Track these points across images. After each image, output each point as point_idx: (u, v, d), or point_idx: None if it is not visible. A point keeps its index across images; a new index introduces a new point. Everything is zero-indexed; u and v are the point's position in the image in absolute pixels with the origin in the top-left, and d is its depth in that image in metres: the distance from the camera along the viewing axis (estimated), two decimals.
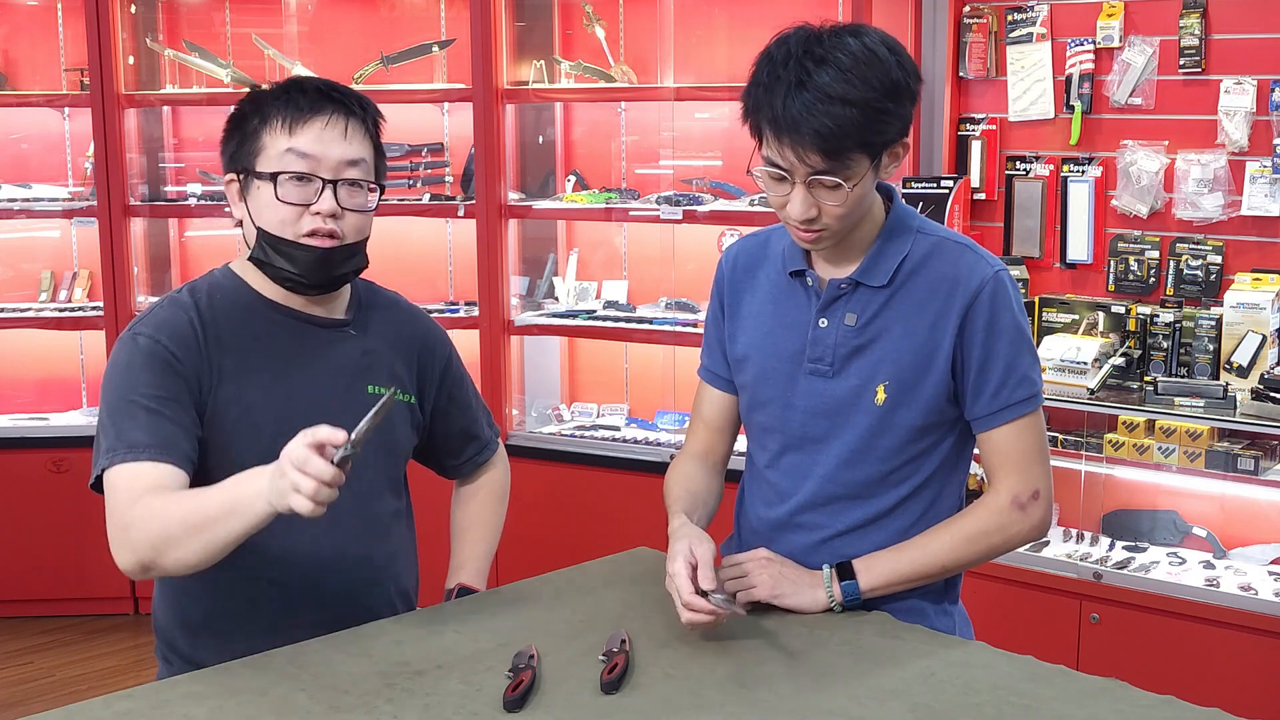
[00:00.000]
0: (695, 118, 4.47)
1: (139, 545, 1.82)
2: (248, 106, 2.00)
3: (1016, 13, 3.90)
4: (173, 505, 1.81)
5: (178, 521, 1.79)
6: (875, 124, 1.81)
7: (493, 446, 2.35)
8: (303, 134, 1.94)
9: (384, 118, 2.06)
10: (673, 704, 1.68)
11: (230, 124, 2.01)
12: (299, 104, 1.95)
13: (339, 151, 1.95)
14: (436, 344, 2.21)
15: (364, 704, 1.67)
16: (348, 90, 2.01)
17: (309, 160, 1.94)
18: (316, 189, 1.94)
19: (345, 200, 1.96)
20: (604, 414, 4.72)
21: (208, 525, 1.77)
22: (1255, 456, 3.40)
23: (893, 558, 1.98)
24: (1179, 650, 3.40)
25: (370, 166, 2.00)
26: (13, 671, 4.39)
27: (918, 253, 1.98)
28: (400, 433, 2.13)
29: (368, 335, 2.09)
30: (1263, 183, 3.56)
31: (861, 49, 1.81)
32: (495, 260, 4.48)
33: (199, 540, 1.78)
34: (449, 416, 2.23)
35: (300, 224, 1.95)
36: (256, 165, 1.96)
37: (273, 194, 1.94)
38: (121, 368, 1.94)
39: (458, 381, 2.25)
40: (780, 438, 2.05)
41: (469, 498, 2.34)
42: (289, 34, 4.74)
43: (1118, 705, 1.67)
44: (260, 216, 1.96)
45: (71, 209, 4.82)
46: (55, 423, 4.87)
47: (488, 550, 2.31)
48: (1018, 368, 1.95)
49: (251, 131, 1.97)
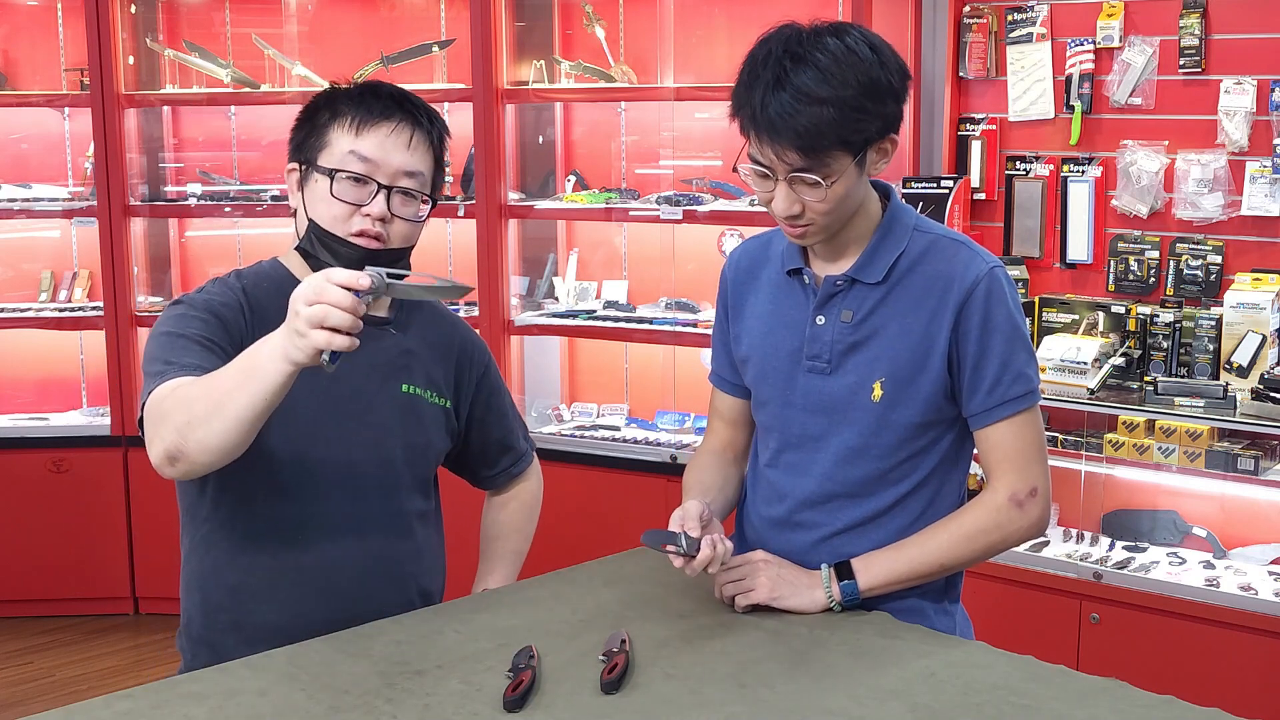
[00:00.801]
0: (695, 118, 4.47)
1: (165, 433, 1.74)
2: (321, 100, 2.03)
3: (1016, 13, 3.90)
4: (195, 386, 1.75)
5: (199, 398, 1.72)
6: (852, 122, 1.83)
7: (528, 459, 2.36)
8: (368, 137, 1.97)
9: (450, 133, 2.09)
10: (673, 704, 1.68)
11: (302, 116, 2.05)
12: (370, 107, 1.98)
13: (400, 160, 1.98)
14: (475, 352, 2.22)
15: (364, 704, 1.68)
16: (420, 102, 2.04)
17: (369, 164, 1.97)
18: (371, 191, 1.97)
19: (397, 208, 1.99)
20: (604, 414, 4.72)
21: (227, 397, 1.69)
22: (1255, 456, 3.40)
23: (891, 556, 1.98)
24: (1179, 650, 3.40)
25: (427, 180, 2.03)
26: (13, 671, 4.39)
27: (914, 250, 1.98)
28: (433, 434, 2.14)
29: (408, 336, 2.11)
30: (1263, 183, 3.56)
31: (840, 48, 1.82)
32: (495, 260, 4.48)
33: (220, 417, 1.70)
34: (486, 426, 2.24)
35: (350, 223, 1.97)
36: (319, 159, 1.99)
37: (328, 189, 1.97)
38: (173, 319, 1.93)
39: (495, 391, 2.25)
40: (779, 436, 2.05)
41: (500, 507, 2.35)
42: (289, 34, 4.74)
43: (1118, 705, 1.67)
44: (314, 209, 1.99)
45: (71, 209, 4.82)
46: (55, 423, 4.88)
47: (516, 559, 2.33)
48: (1013, 364, 1.95)
49: (321, 125, 2.00)
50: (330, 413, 2.01)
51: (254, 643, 1.88)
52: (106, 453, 4.74)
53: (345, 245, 1.98)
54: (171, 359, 1.85)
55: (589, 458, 4.41)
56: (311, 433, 2.00)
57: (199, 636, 2.05)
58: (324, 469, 2.00)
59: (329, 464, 2.01)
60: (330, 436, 2.01)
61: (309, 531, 2.00)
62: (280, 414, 1.93)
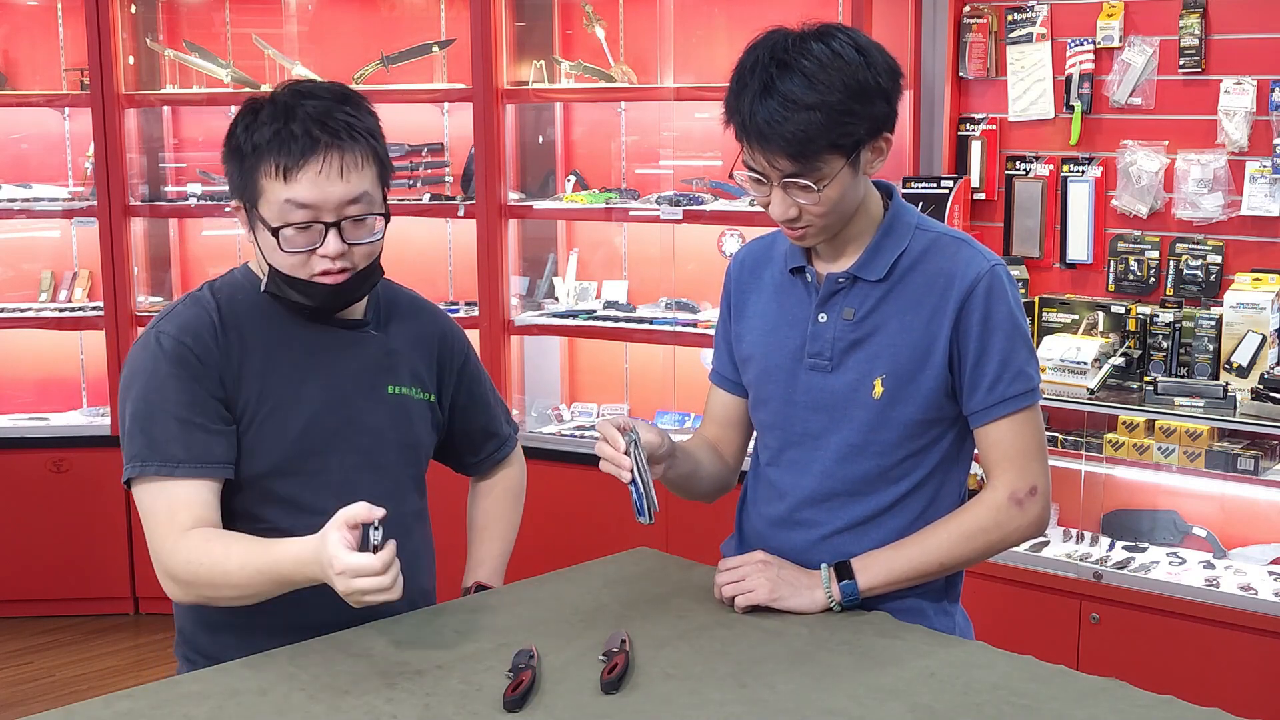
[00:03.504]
0: (695, 118, 4.47)
1: (188, 586, 1.91)
2: (241, 137, 1.93)
3: (1016, 13, 3.90)
4: (220, 559, 1.87)
5: (224, 585, 1.88)
6: (841, 126, 1.83)
7: (511, 443, 2.36)
8: (300, 181, 1.88)
9: (379, 119, 2.00)
10: (673, 704, 1.68)
11: (226, 148, 1.96)
12: (290, 148, 1.88)
13: (339, 193, 1.90)
14: (455, 341, 2.22)
15: (364, 704, 1.68)
16: (339, 119, 1.91)
17: (309, 209, 1.89)
18: (320, 232, 1.91)
19: (351, 236, 1.93)
20: (604, 414, 4.71)
21: (254, 592, 1.88)
22: (1255, 456, 3.40)
23: (890, 556, 1.98)
24: (1179, 650, 3.40)
25: (374, 196, 1.95)
26: (13, 671, 4.39)
27: (915, 248, 1.99)
28: (421, 432, 2.14)
29: (388, 335, 2.10)
30: (1263, 183, 3.56)
31: (826, 52, 1.83)
32: (495, 260, 4.48)
33: (246, 599, 1.90)
34: (469, 414, 2.24)
35: (310, 265, 1.93)
36: (259, 208, 1.92)
37: (276, 244, 1.91)
38: (147, 372, 1.94)
39: (476, 378, 2.25)
40: (781, 434, 2.06)
41: (485, 495, 2.35)
42: (289, 34, 4.74)
43: (1118, 705, 1.67)
44: (270, 256, 1.95)
45: (71, 209, 4.82)
46: (55, 423, 4.87)
47: (505, 548, 2.32)
48: (1013, 362, 1.95)
49: (248, 168, 1.92)
50: (321, 426, 2.00)
51: (255, 647, 1.88)
52: (106, 453, 4.73)
53: (312, 286, 1.95)
54: (155, 442, 1.91)
55: (589, 458, 4.38)
56: (304, 448, 1.99)
57: (208, 653, 2.03)
58: (319, 481, 2.00)
59: (324, 476, 2.00)
60: (323, 449, 2.01)
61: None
62: (272, 434, 1.95)
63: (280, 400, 1.98)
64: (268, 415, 1.97)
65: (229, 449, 1.94)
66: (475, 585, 2.22)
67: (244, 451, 1.96)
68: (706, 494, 2.18)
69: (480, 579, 2.23)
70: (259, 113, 1.93)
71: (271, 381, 1.98)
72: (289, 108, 1.91)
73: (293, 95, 1.93)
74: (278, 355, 2.00)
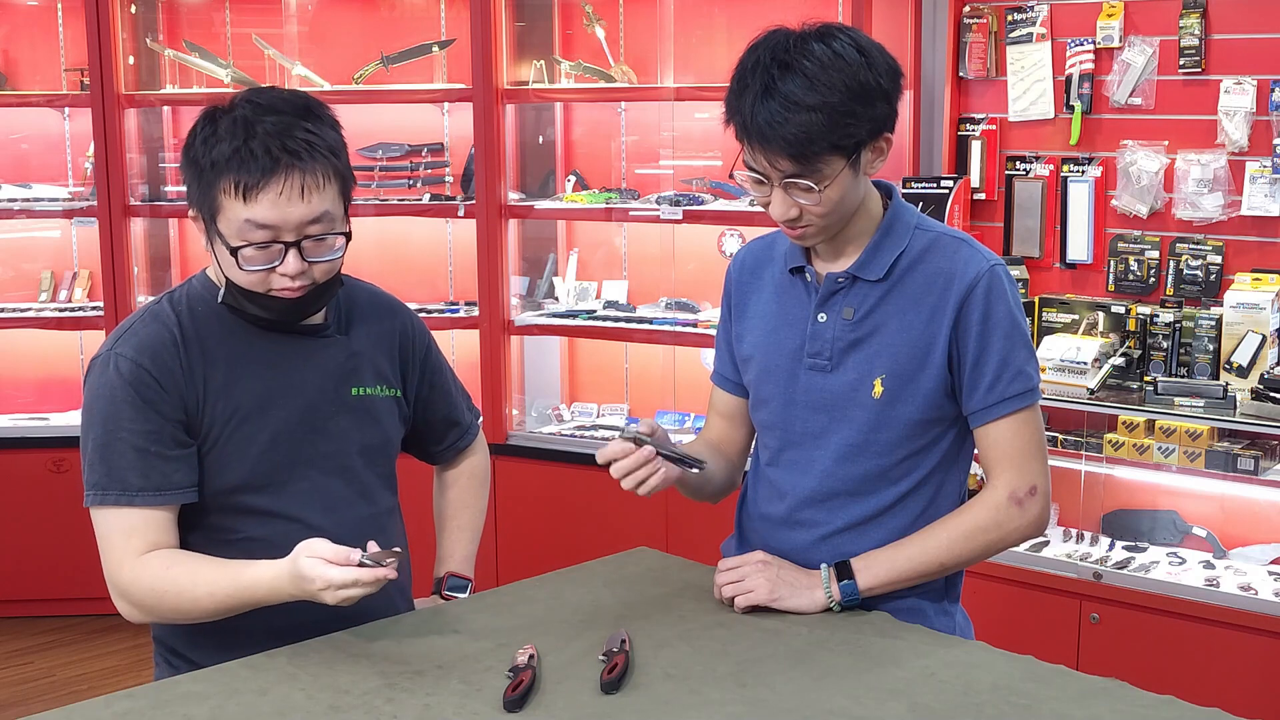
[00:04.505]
0: (695, 118, 4.47)
1: (148, 609, 1.95)
2: (199, 150, 1.88)
3: (1016, 13, 3.90)
4: (186, 586, 1.90)
5: (188, 609, 1.91)
6: (842, 127, 1.84)
7: (474, 431, 2.36)
8: (259, 202, 1.84)
9: (342, 131, 1.95)
10: (673, 704, 1.68)
11: (184, 158, 1.91)
12: (249, 167, 1.83)
13: (299, 213, 1.86)
14: (416, 334, 2.21)
15: (364, 704, 1.68)
16: (300, 137, 1.86)
17: (268, 230, 1.86)
18: (280, 251, 1.88)
19: (311, 254, 1.90)
20: (604, 414, 4.72)
21: (218, 610, 1.91)
22: (1255, 456, 3.40)
23: (890, 556, 1.98)
24: (1179, 650, 3.40)
25: (335, 215, 1.91)
26: (13, 671, 4.39)
27: (915, 248, 1.99)
28: (389, 429, 2.13)
29: (350, 337, 2.09)
30: (1263, 183, 3.56)
31: (827, 53, 1.83)
32: (495, 260, 4.48)
33: (206, 617, 1.92)
34: (431, 404, 2.24)
35: (269, 282, 1.91)
36: (217, 224, 1.89)
37: (235, 263, 1.89)
38: (105, 398, 1.92)
39: (438, 369, 2.25)
40: (781, 434, 2.06)
41: (451, 484, 2.35)
42: (289, 34, 4.74)
43: (1118, 705, 1.67)
44: (229, 272, 1.93)
45: (71, 209, 4.82)
46: (55, 423, 4.87)
47: (473, 536, 2.33)
48: (1013, 362, 1.95)
49: (206, 183, 1.88)
50: (288, 437, 2.00)
51: (241, 656, 1.87)
52: None
53: (271, 299, 1.93)
54: (113, 470, 1.91)
55: (589, 458, 4.38)
56: (272, 461, 1.98)
57: (187, 657, 2.03)
58: (290, 491, 1.99)
59: (293, 485, 2.00)
60: (291, 460, 2.00)
61: (289, 550, 1.92)
62: (238, 449, 1.96)
63: (246, 415, 1.97)
64: (233, 431, 1.96)
65: (189, 473, 1.94)
66: (447, 575, 2.23)
67: (211, 467, 1.95)
68: (713, 495, 2.19)
69: (451, 569, 2.24)
70: (217, 125, 1.88)
71: (235, 397, 1.96)
72: (249, 123, 1.86)
73: (253, 110, 1.88)
74: (240, 369, 1.98)
